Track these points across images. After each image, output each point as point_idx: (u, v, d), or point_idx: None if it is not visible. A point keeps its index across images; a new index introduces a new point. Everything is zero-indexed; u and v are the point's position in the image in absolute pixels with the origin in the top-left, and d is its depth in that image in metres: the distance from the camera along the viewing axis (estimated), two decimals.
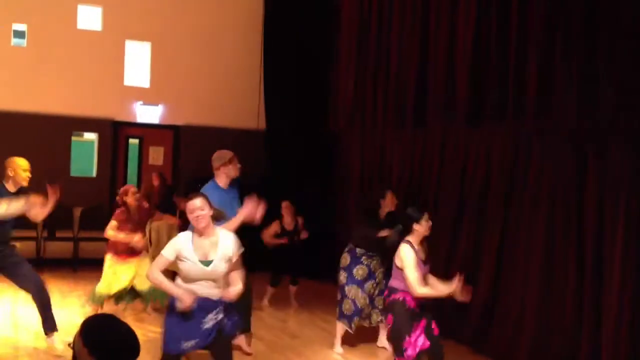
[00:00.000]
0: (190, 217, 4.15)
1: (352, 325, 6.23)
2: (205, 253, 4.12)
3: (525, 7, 6.05)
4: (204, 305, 4.15)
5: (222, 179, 5.55)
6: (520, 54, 6.09)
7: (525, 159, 6.25)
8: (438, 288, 4.81)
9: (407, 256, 4.73)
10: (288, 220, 7.91)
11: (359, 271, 6.22)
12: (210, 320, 4.17)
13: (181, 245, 4.15)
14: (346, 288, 6.23)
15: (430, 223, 4.84)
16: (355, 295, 6.18)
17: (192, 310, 4.08)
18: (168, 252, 4.15)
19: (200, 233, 4.14)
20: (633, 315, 5.09)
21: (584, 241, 5.56)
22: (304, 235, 7.94)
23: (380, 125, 8.50)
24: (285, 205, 7.95)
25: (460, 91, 6.89)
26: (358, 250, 6.27)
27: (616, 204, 5.28)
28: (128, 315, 6.92)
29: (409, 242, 4.79)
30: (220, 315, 4.19)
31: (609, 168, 5.40)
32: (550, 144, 6.00)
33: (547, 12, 5.79)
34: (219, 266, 4.14)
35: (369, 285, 6.21)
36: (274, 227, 7.76)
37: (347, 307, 6.21)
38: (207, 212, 4.13)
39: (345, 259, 6.34)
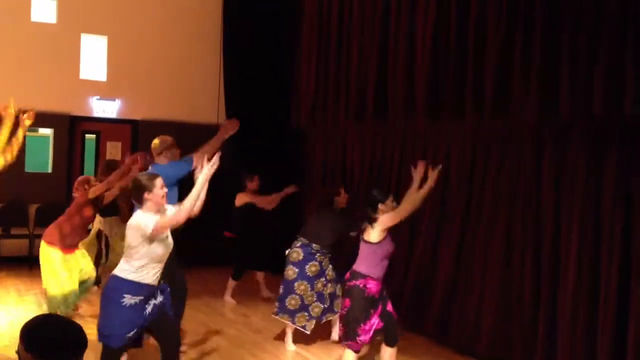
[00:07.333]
0: (162, 194, 4.19)
1: (295, 321, 6.03)
2: None
3: (484, 4, 6.12)
4: (150, 292, 4.24)
5: (163, 162, 5.59)
6: (478, 51, 6.16)
7: (485, 155, 6.34)
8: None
9: (381, 220, 4.82)
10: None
11: (312, 268, 6.03)
12: (150, 305, 4.27)
13: None
14: (295, 284, 6.02)
15: (395, 204, 4.91)
16: (304, 291, 6.00)
17: (139, 302, 4.17)
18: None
19: (157, 210, 4.20)
20: (587, 310, 5.22)
21: (542, 237, 5.67)
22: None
23: (342, 121, 8.51)
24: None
25: (420, 88, 6.93)
26: (314, 246, 6.06)
27: (572, 202, 5.40)
28: (83, 310, 6.79)
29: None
30: (159, 298, 4.31)
31: (564, 166, 5.51)
32: (509, 141, 6.09)
33: (506, 10, 5.86)
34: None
35: (319, 282, 6.05)
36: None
37: (293, 302, 6.00)
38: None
39: (298, 254, 6.05)
